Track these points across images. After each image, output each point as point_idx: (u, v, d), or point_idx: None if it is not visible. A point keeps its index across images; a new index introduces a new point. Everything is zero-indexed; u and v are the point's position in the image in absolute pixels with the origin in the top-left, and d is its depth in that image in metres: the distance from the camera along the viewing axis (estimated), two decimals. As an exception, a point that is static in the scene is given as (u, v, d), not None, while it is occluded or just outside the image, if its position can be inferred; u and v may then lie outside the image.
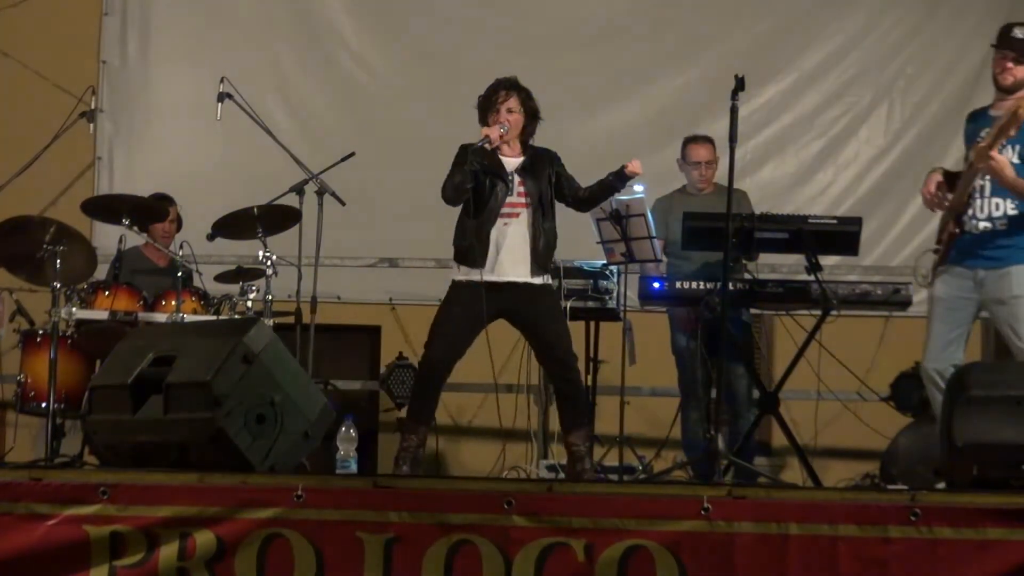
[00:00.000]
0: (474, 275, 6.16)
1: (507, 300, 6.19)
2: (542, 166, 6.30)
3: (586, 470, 6.22)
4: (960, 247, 5.82)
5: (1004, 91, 5.76)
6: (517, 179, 6.24)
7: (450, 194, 6.19)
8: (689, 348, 7.23)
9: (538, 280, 6.22)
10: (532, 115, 6.31)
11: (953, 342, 5.80)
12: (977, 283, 5.77)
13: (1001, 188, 5.70)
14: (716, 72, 7.92)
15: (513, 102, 6.28)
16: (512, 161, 6.29)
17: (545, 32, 8.80)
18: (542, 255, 6.21)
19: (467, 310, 6.15)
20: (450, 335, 6.20)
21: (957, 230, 5.78)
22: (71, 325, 6.89)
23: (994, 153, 5.55)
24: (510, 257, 6.18)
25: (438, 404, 6.39)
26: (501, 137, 6.21)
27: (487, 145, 6.18)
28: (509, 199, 6.21)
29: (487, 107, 6.32)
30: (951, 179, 5.89)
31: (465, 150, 6.17)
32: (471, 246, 6.18)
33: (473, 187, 6.17)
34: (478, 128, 6.30)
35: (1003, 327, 5.81)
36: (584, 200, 6.37)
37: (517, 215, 6.21)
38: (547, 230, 6.23)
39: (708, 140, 7.42)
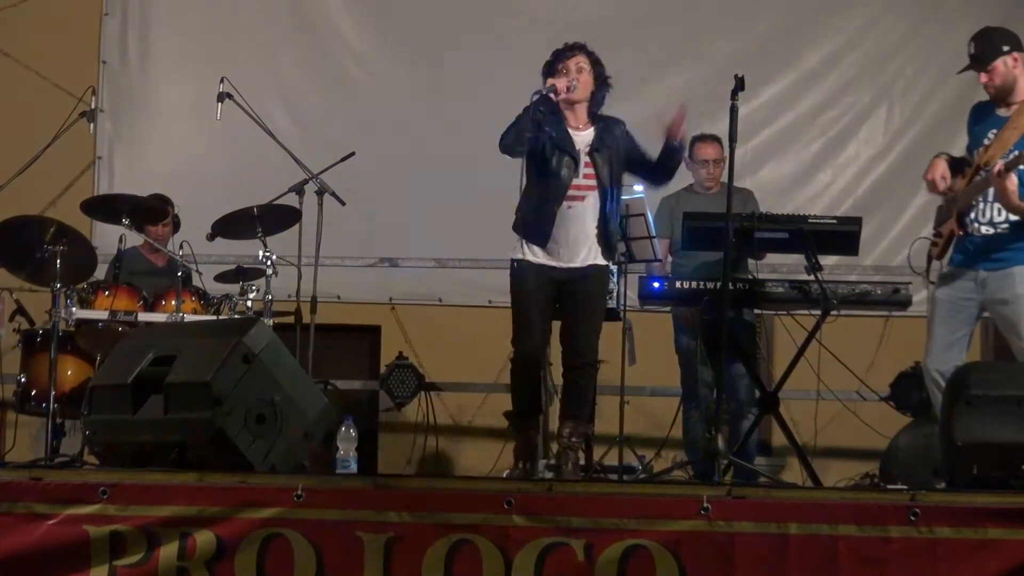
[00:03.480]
0: (533, 255, 5.97)
1: (562, 283, 6.01)
2: (611, 141, 6.05)
3: (567, 464, 6.02)
4: (962, 249, 5.82)
5: (1002, 96, 5.78)
6: (585, 160, 5.99)
7: (510, 140, 5.85)
8: (691, 348, 7.24)
9: (596, 262, 6.02)
10: (602, 80, 6.09)
11: (956, 344, 5.80)
12: (979, 284, 5.77)
13: None
14: (716, 72, 7.92)
15: (583, 60, 6.04)
16: (581, 136, 6.03)
17: (546, 33, 8.73)
18: (607, 239, 6.02)
19: (537, 297, 5.95)
20: (536, 321, 5.97)
21: (961, 232, 5.78)
22: (71, 325, 6.89)
23: (1010, 178, 5.54)
24: (571, 242, 5.96)
25: (541, 392, 6.24)
26: (568, 91, 5.93)
27: (552, 94, 5.87)
28: (575, 181, 5.96)
29: (553, 66, 6.03)
30: (955, 164, 5.89)
31: (527, 110, 5.83)
32: (532, 222, 5.95)
33: (540, 158, 5.91)
34: (478, 127, 6.26)
35: (1005, 327, 5.81)
36: (658, 168, 6.15)
37: (583, 198, 5.97)
38: (612, 213, 6.01)
39: (715, 139, 7.41)
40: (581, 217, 5.98)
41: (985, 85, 5.77)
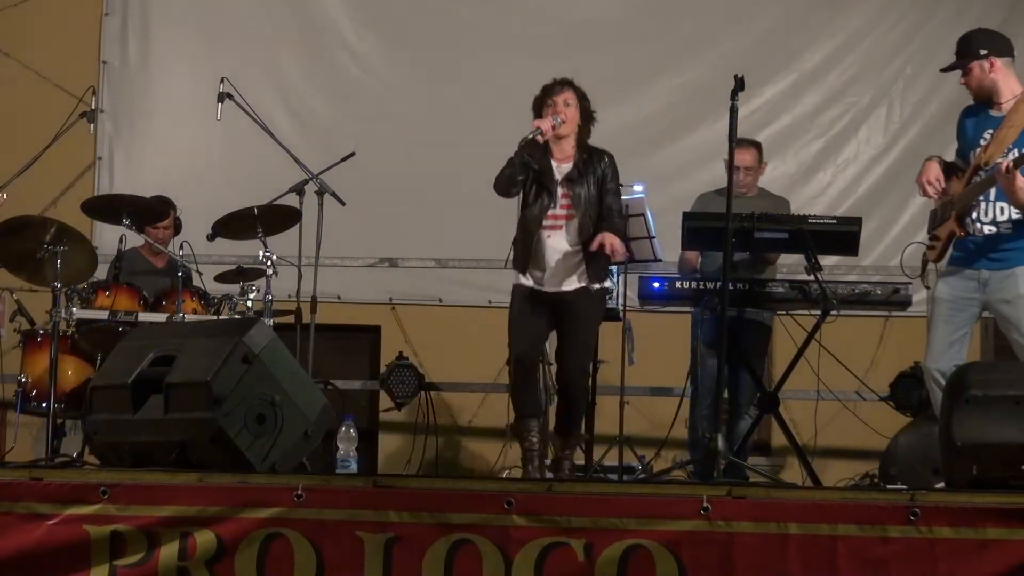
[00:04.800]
0: (526, 280, 6.17)
1: (554, 308, 6.17)
2: (591, 171, 6.17)
3: (561, 471, 6.22)
4: (963, 249, 5.81)
5: (981, 99, 5.80)
6: (561, 191, 6.13)
7: (500, 187, 6.08)
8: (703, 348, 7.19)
9: (581, 285, 6.15)
10: (587, 115, 6.22)
11: (956, 343, 5.79)
12: (981, 284, 5.76)
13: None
14: (716, 72, 7.93)
15: (570, 96, 6.18)
16: (562, 168, 6.19)
17: (545, 33, 8.81)
18: (588, 265, 6.13)
19: (531, 308, 6.14)
20: (525, 327, 6.14)
21: (962, 233, 5.78)
22: (71, 325, 6.90)
23: (1016, 175, 5.54)
24: (552, 270, 6.12)
25: (542, 395, 6.38)
26: (554, 129, 6.08)
27: (538, 137, 6.06)
28: (552, 211, 6.12)
29: (542, 101, 6.20)
30: (947, 168, 5.90)
31: (513, 159, 6.06)
32: (518, 251, 6.17)
33: (523, 190, 6.12)
34: (479, 126, 6.28)
35: (1006, 326, 5.80)
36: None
37: (560, 227, 6.13)
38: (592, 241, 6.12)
39: (753, 144, 7.36)
40: (559, 245, 6.13)
41: (965, 85, 5.82)
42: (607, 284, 6.40)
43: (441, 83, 8.92)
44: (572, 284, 6.15)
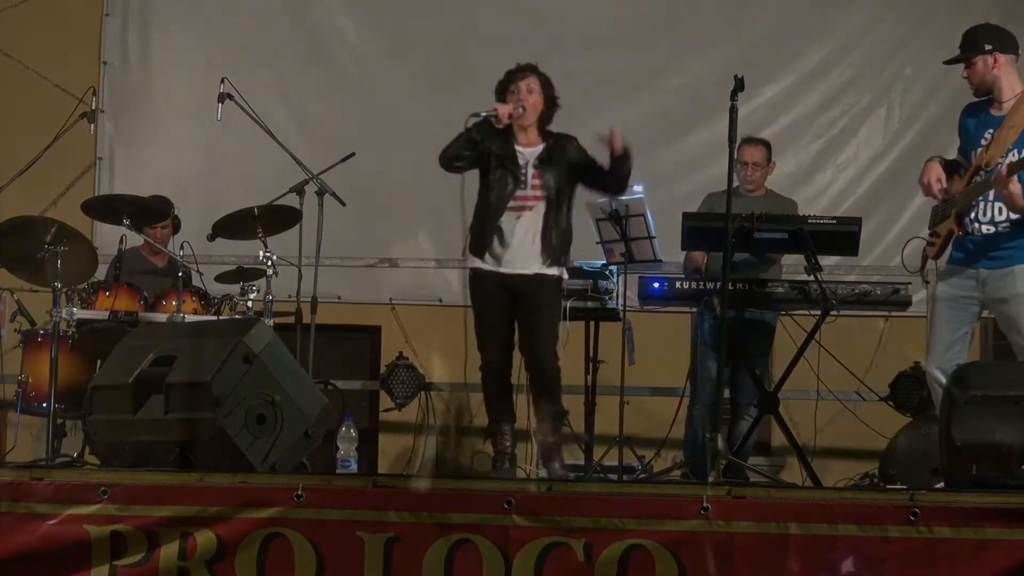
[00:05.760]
0: (484, 263, 6.14)
1: (515, 291, 6.12)
2: (560, 155, 6.16)
3: (552, 464, 6.12)
4: (962, 247, 5.82)
5: (981, 94, 5.80)
6: (532, 171, 6.13)
7: (443, 160, 6.08)
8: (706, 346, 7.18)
9: (547, 271, 6.11)
10: (551, 101, 6.21)
11: (957, 342, 5.79)
12: (980, 283, 5.76)
13: None
14: (716, 72, 7.92)
15: (533, 82, 6.18)
16: (528, 151, 6.17)
17: (545, 34, 8.80)
18: (554, 248, 6.10)
19: (494, 303, 6.11)
20: (492, 330, 6.14)
21: (961, 232, 5.78)
22: (72, 325, 6.90)
23: (1013, 181, 5.54)
24: (519, 250, 6.09)
25: (516, 400, 6.30)
26: (511, 117, 6.08)
27: (494, 119, 6.05)
28: (521, 192, 6.09)
29: (506, 86, 6.20)
30: (948, 167, 5.90)
31: (461, 134, 6.05)
32: (478, 235, 6.13)
33: (482, 172, 6.09)
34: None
35: (1005, 325, 5.80)
36: (609, 177, 6.16)
37: (530, 208, 6.11)
38: (561, 223, 6.12)
39: (761, 143, 7.37)
40: (525, 227, 6.09)
41: (968, 80, 5.81)
42: (565, 273, 6.29)
43: (441, 83, 8.91)
44: (533, 267, 6.09)
